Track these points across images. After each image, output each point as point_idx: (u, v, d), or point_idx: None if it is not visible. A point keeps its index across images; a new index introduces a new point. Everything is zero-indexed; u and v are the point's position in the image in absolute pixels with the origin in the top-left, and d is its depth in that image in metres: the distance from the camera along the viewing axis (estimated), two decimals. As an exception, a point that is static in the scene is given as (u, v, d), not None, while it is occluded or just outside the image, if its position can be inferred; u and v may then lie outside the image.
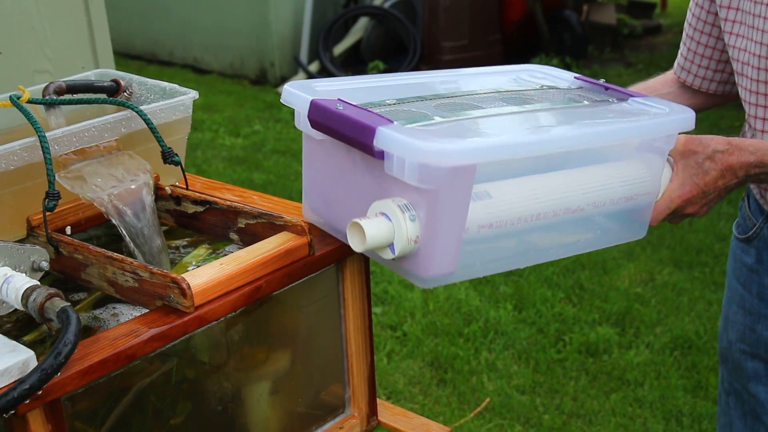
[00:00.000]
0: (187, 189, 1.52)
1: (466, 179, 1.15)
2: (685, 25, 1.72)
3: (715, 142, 1.40)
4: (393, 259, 1.20)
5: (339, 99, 1.25)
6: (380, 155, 1.16)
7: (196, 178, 1.60)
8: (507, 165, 1.24)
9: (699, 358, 3.47)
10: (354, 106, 1.24)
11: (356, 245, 1.19)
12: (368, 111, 1.22)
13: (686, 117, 1.38)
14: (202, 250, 1.49)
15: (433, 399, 3.32)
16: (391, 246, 1.18)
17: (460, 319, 3.80)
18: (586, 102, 1.47)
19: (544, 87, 1.54)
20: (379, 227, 1.17)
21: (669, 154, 1.41)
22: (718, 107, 1.78)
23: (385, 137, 1.15)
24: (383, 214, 1.18)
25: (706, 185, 1.40)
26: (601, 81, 1.55)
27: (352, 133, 1.20)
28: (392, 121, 1.18)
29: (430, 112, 1.30)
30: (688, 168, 1.41)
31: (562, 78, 1.59)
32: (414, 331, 3.72)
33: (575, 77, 1.58)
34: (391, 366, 3.50)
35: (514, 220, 1.24)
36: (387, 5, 7.32)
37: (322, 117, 1.24)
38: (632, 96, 1.48)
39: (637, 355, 3.52)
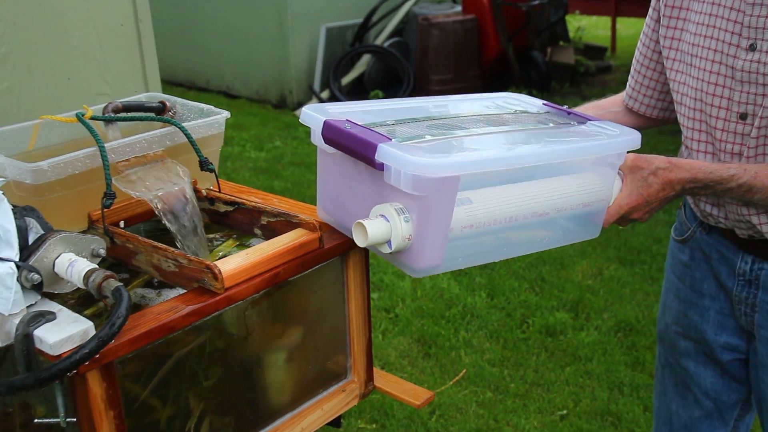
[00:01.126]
0: (219, 192, 1.52)
1: (451, 188, 1.15)
2: (634, 61, 1.73)
3: (658, 160, 1.41)
4: (390, 253, 1.20)
5: (347, 120, 1.25)
6: (381, 167, 1.16)
7: (227, 183, 1.60)
8: (485, 176, 1.24)
9: (638, 339, 3.47)
10: (359, 125, 1.24)
11: (360, 241, 1.19)
12: (371, 130, 1.22)
13: (634, 138, 1.39)
14: (231, 242, 1.49)
15: (419, 369, 3.32)
16: (388, 242, 1.19)
17: (443, 304, 3.81)
18: (551, 124, 1.47)
19: (517, 111, 1.54)
20: (379, 227, 1.17)
21: (620, 169, 1.42)
22: (656, 127, 1.79)
23: (385, 152, 1.15)
24: (382, 216, 1.18)
25: (650, 196, 1.41)
26: (565, 107, 1.55)
27: (357, 148, 1.20)
28: (391, 139, 1.18)
29: (422, 131, 1.30)
30: (635, 181, 1.41)
31: (533, 104, 1.59)
32: (404, 314, 3.72)
33: (543, 103, 1.58)
34: (385, 342, 3.50)
35: (490, 221, 1.25)
36: (386, 44, 7.33)
37: (334, 135, 1.25)
38: (590, 120, 1.49)
39: (588, 336, 3.52)
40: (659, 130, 5.66)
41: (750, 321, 1.61)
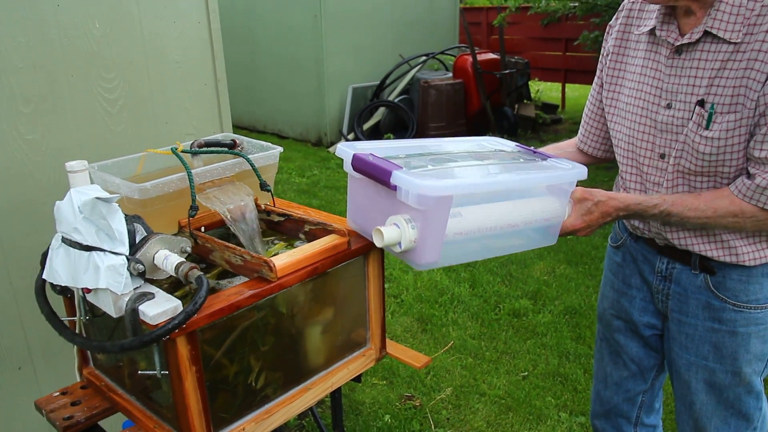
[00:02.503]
0: (274, 206, 1.53)
1: (446, 204, 1.15)
2: (584, 115, 1.73)
3: (600, 194, 1.40)
4: (400, 252, 1.20)
5: (371, 154, 1.25)
6: (394, 188, 1.16)
7: (279, 200, 1.60)
8: (472, 196, 1.23)
9: (580, 320, 3.45)
10: (379, 158, 1.24)
11: (378, 242, 1.19)
12: (387, 161, 1.22)
13: (582, 171, 1.39)
14: (281, 244, 1.49)
15: (418, 341, 3.30)
16: (399, 244, 1.18)
17: (437, 293, 3.79)
18: (521, 160, 1.47)
19: (496, 150, 1.54)
20: (392, 232, 1.17)
21: (571, 198, 1.41)
22: (599, 164, 1.78)
23: (397, 177, 1.15)
24: (395, 224, 1.18)
25: (591, 221, 1.40)
26: (532, 148, 1.55)
27: (377, 174, 1.20)
28: (402, 167, 1.18)
29: (425, 162, 1.30)
30: (580, 209, 1.40)
31: (507, 145, 1.58)
32: (408, 299, 3.71)
33: (516, 145, 1.58)
34: (393, 320, 3.49)
35: (475, 230, 1.24)
36: (396, 100, 7.34)
37: (360, 164, 1.25)
38: (550, 157, 1.48)
39: (543, 317, 3.50)
40: (597, 166, 5.64)
41: (665, 306, 1.60)
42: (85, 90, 1.78)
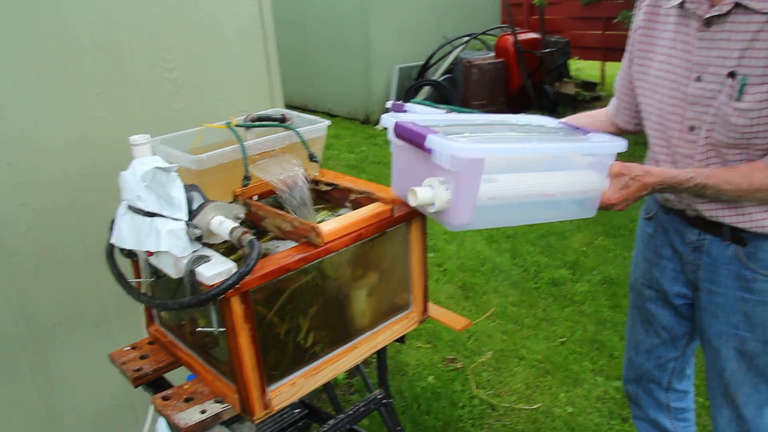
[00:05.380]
0: (322, 177, 1.53)
1: (478, 166, 1.13)
2: (615, 90, 1.67)
3: (637, 169, 1.36)
4: (434, 213, 1.19)
5: (412, 122, 1.24)
6: (429, 151, 1.15)
7: (327, 171, 1.61)
8: (507, 163, 1.21)
9: (617, 290, 3.38)
10: (419, 125, 1.23)
11: (412, 202, 1.19)
12: (425, 127, 1.21)
13: (621, 144, 1.34)
14: (328, 211, 1.50)
15: (461, 308, 3.30)
16: (433, 204, 1.18)
17: (478, 262, 3.77)
18: (562, 133, 1.43)
19: (538, 125, 1.50)
20: (426, 192, 1.17)
21: (609, 172, 1.37)
22: (631, 134, 1.71)
23: (432, 140, 1.14)
24: (430, 185, 1.18)
25: (628, 195, 1.36)
26: (575, 124, 1.52)
27: (414, 138, 1.19)
28: (437, 132, 1.17)
29: (462, 130, 1.28)
30: (618, 184, 1.36)
31: (550, 122, 1.55)
32: (451, 268, 3.70)
33: (559, 121, 1.54)
34: (437, 288, 3.49)
35: (510, 196, 1.22)
36: (440, 79, 7.24)
37: (401, 130, 1.24)
38: (590, 132, 1.45)
39: (581, 286, 3.44)
40: (635, 141, 5.47)
41: (695, 276, 1.55)
42: (148, 71, 1.81)
